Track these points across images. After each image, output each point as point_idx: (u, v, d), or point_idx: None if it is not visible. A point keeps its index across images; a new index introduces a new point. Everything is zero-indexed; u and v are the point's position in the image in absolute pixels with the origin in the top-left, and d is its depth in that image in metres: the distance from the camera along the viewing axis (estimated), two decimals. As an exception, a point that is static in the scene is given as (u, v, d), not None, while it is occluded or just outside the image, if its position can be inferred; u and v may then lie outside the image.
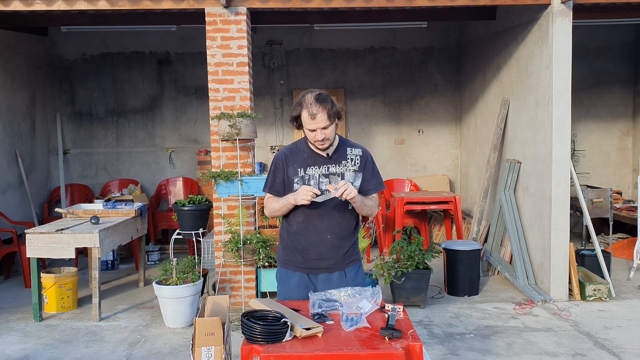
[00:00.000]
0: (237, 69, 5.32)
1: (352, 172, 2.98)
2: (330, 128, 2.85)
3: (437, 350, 4.37)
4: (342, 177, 2.96)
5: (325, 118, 2.81)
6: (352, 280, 3.04)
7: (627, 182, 8.51)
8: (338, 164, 2.97)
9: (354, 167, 2.98)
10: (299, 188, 2.92)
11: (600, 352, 4.30)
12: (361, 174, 2.99)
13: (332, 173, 2.96)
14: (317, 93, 2.86)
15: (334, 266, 3.03)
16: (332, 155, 2.97)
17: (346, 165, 2.97)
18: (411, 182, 8.27)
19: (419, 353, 2.41)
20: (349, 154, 2.99)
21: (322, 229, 2.98)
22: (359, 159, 2.99)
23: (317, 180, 2.95)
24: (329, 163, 2.96)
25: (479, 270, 5.87)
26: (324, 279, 3.03)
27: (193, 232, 5.40)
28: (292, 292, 3.05)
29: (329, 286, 2.99)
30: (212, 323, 2.82)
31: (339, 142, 3.01)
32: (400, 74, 8.43)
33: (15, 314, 5.39)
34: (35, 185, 7.78)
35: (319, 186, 2.94)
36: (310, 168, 2.96)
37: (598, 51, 8.33)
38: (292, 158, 3.00)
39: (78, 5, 5.22)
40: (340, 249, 3.02)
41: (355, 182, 2.97)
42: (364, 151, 3.04)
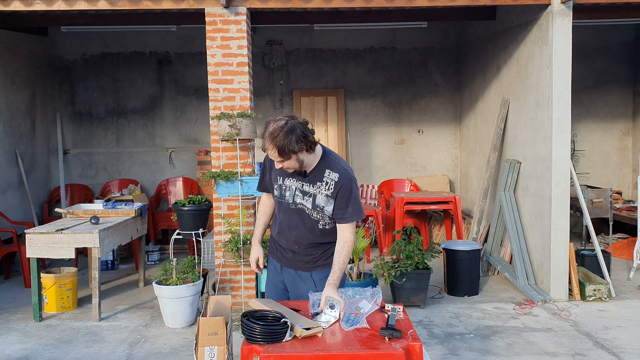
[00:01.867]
0: (237, 69, 5.32)
1: (324, 196, 2.89)
2: (287, 162, 2.78)
3: (437, 350, 4.37)
4: (313, 198, 2.90)
5: (276, 155, 2.75)
6: (320, 282, 3.00)
7: (627, 182, 8.51)
8: (313, 184, 2.90)
9: (327, 192, 2.87)
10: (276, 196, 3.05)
11: (600, 352, 4.30)
12: (333, 200, 2.87)
13: (306, 192, 2.91)
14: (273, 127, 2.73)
15: (301, 267, 3.09)
16: (309, 174, 2.91)
17: (320, 188, 2.89)
18: (411, 182, 8.27)
19: (419, 353, 2.41)
20: (325, 176, 2.87)
21: (292, 240, 3.04)
22: (333, 185, 2.86)
23: (292, 193, 2.96)
24: (304, 181, 2.92)
25: (479, 270, 5.87)
26: (288, 274, 3.14)
27: (193, 232, 5.40)
28: (270, 275, 3.24)
29: (293, 282, 3.10)
30: (216, 323, 2.83)
31: (319, 161, 2.89)
32: (400, 74, 8.43)
33: (15, 314, 5.39)
34: (35, 185, 7.78)
35: (292, 197, 2.96)
36: (288, 179, 2.96)
37: (598, 51, 8.33)
38: (274, 164, 2.97)
39: (78, 5, 5.22)
40: (305, 257, 3.05)
41: (327, 207, 2.89)
42: (342, 177, 2.86)
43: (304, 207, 2.94)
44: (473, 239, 6.68)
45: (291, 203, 2.96)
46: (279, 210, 3.06)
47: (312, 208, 2.92)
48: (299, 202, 2.94)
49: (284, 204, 3.00)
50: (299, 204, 2.95)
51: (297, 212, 2.97)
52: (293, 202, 2.95)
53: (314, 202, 2.90)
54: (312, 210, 2.92)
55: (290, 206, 2.97)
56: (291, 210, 2.97)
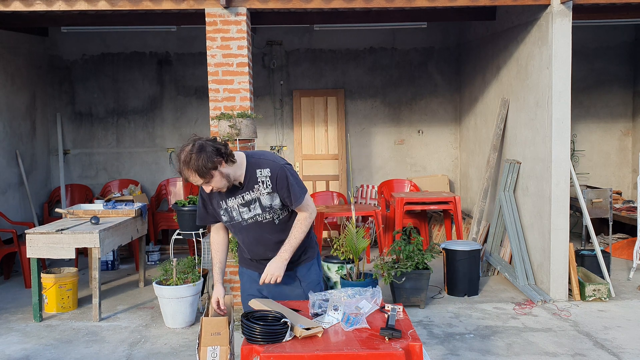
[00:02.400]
0: (237, 69, 5.33)
1: (266, 194, 2.91)
2: (213, 181, 2.77)
3: (436, 350, 4.38)
4: (258, 202, 2.92)
5: (197, 179, 2.74)
6: (303, 277, 3.10)
7: (627, 183, 8.51)
8: (251, 190, 2.91)
9: (267, 190, 2.91)
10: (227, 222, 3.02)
11: (600, 352, 4.31)
12: (276, 193, 2.92)
13: (248, 201, 2.92)
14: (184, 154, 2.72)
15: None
16: (244, 183, 2.92)
17: (259, 189, 2.91)
18: (411, 182, 8.27)
19: (419, 353, 2.42)
20: (258, 177, 2.90)
21: (262, 252, 3.04)
22: (269, 180, 2.90)
23: (238, 211, 2.95)
24: (243, 192, 2.93)
25: (479, 270, 5.87)
26: None
27: (193, 232, 5.41)
28: (245, 286, 3.20)
29: (279, 285, 3.05)
30: (219, 323, 2.83)
31: (246, 166, 2.90)
32: (400, 74, 8.44)
33: (16, 314, 5.39)
34: (36, 186, 7.78)
35: (240, 216, 2.95)
36: (229, 199, 2.95)
37: (598, 51, 8.34)
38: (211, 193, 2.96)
39: (78, 5, 5.22)
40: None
41: (274, 202, 2.93)
42: (272, 169, 2.90)
43: (254, 218, 2.96)
44: (473, 239, 6.68)
45: (242, 221, 2.97)
46: (235, 232, 3.04)
47: (262, 212, 2.94)
48: (247, 217, 2.96)
49: (237, 225, 3.00)
50: (248, 219, 2.96)
51: (251, 227, 2.99)
52: (243, 220, 2.97)
53: (261, 205, 2.93)
54: (263, 214, 2.95)
55: (242, 224, 2.98)
56: (245, 228, 2.98)
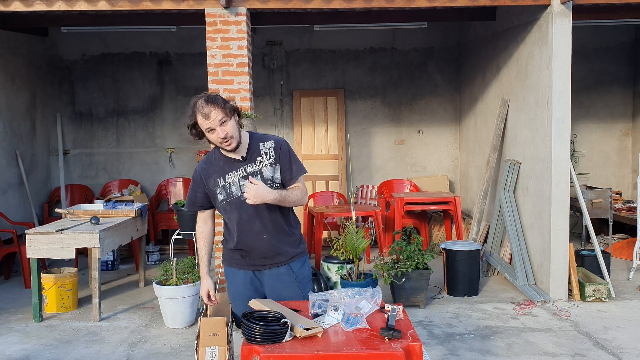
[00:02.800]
0: (237, 69, 5.33)
1: (269, 166, 2.93)
2: (229, 124, 2.80)
3: (436, 350, 4.38)
4: (260, 174, 2.92)
5: (220, 112, 2.77)
6: (299, 273, 3.06)
7: (627, 183, 8.51)
8: (253, 162, 2.93)
9: (270, 161, 2.93)
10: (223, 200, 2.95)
11: (600, 352, 4.31)
12: (278, 165, 2.95)
13: (250, 173, 2.92)
14: (206, 95, 2.83)
15: (279, 262, 3.03)
16: (247, 156, 2.94)
17: (262, 162, 2.93)
18: (411, 182, 8.27)
19: (419, 353, 2.42)
20: (262, 149, 2.94)
21: (257, 231, 2.97)
22: (272, 151, 2.94)
23: (237, 185, 2.93)
24: (245, 164, 2.93)
25: (479, 270, 5.87)
26: (269, 275, 3.05)
27: (193, 232, 5.41)
28: (239, 288, 3.08)
29: (275, 281, 3.03)
30: (217, 323, 2.83)
31: (249, 139, 2.96)
32: (400, 74, 8.44)
33: (16, 314, 5.39)
34: (36, 186, 7.78)
35: (240, 189, 2.92)
36: (228, 175, 2.94)
37: (597, 52, 8.34)
38: (209, 170, 2.98)
39: (78, 5, 5.22)
40: (280, 245, 3.00)
41: (275, 175, 2.94)
42: (276, 141, 2.98)
43: None
44: (473, 239, 6.68)
45: (241, 195, 2.92)
46: (231, 211, 2.97)
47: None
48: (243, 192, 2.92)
49: (234, 200, 2.95)
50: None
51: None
52: (242, 194, 2.91)
53: (263, 177, 2.92)
54: None
55: (241, 198, 2.92)
56: (244, 202, 2.91)
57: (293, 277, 3.05)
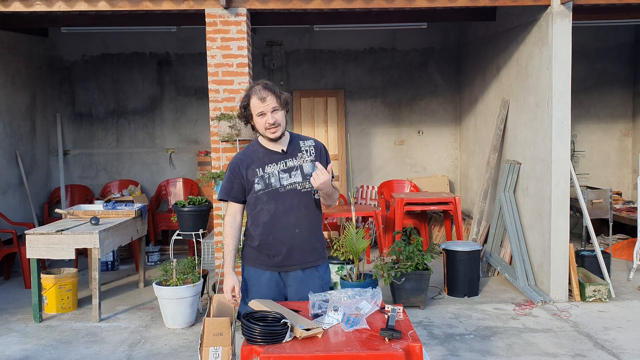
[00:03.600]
0: (237, 69, 5.33)
1: (309, 162, 3.00)
2: (280, 113, 2.92)
3: (437, 351, 4.37)
4: (301, 169, 2.97)
5: (275, 100, 2.90)
6: (323, 277, 3.06)
7: (627, 183, 8.51)
8: (294, 157, 2.99)
9: (310, 157, 3.01)
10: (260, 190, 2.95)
11: (600, 352, 4.30)
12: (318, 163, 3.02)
13: (291, 167, 2.97)
14: (264, 82, 2.97)
15: (306, 262, 3.01)
16: (287, 150, 3.00)
17: (302, 157, 3.00)
18: (411, 182, 8.27)
19: (419, 354, 2.41)
20: (302, 146, 3.03)
21: (291, 224, 2.95)
22: (313, 149, 3.03)
23: (277, 177, 2.95)
24: (286, 158, 2.98)
25: (479, 271, 5.87)
26: (295, 277, 3.02)
27: (193, 233, 5.41)
28: (263, 290, 3.01)
29: (300, 284, 2.99)
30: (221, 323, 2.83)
31: (290, 137, 3.05)
32: (400, 74, 8.44)
33: (15, 314, 5.39)
34: (36, 186, 7.78)
35: (280, 182, 2.95)
36: (268, 166, 2.97)
37: (598, 52, 8.34)
38: (247, 161, 3.00)
39: (78, 6, 5.22)
40: (310, 243, 3.00)
41: (313, 172, 2.95)
42: (317, 142, 3.09)
43: (294, 185, 2.96)
44: (473, 239, 6.68)
45: (279, 187, 2.95)
46: (268, 202, 2.95)
47: (302, 180, 2.96)
48: (287, 184, 2.95)
49: (272, 192, 2.95)
50: (287, 185, 2.95)
51: (288, 194, 2.95)
52: (281, 186, 2.95)
53: (303, 173, 2.97)
54: (303, 182, 2.96)
55: (280, 190, 2.94)
56: (282, 194, 2.94)
57: (319, 280, 3.03)
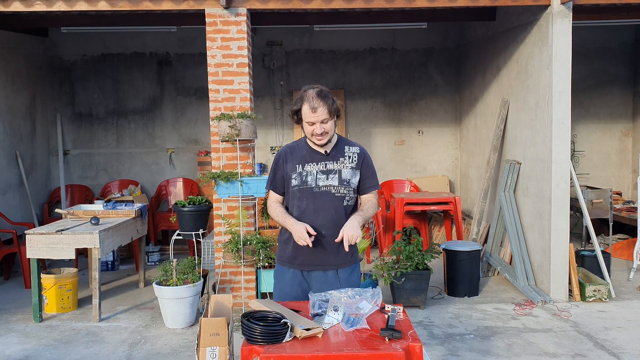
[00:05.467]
0: (237, 69, 5.33)
1: (349, 169, 3.03)
2: (329, 123, 2.94)
3: (437, 351, 4.37)
4: (339, 174, 3.01)
5: (326, 112, 2.90)
6: (345, 280, 3.04)
7: (627, 183, 8.51)
8: (336, 160, 3.03)
9: (352, 165, 3.04)
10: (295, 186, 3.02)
11: (600, 352, 4.30)
12: (359, 171, 3.05)
13: (330, 170, 3.01)
14: (319, 89, 2.95)
15: (328, 265, 3.03)
16: (330, 153, 3.03)
17: (344, 163, 3.03)
18: (411, 182, 8.27)
19: (419, 354, 2.41)
20: (346, 151, 3.06)
21: (318, 224, 2.96)
22: (356, 157, 3.06)
23: (314, 177, 3.00)
24: (327, 160, 3.02)
25: (479, 271, 5.87)
26: (317, 277, 3.04)
27: (193, 232, 5.41)
28: (286, 287, 3.08)
29: (322, 284, 3.00)
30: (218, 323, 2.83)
31: (337, 140, 3.08)
32: (400, 74, 8.44)
33: (16, 314, 5.39)
34: (36, 186, 7.78)
35: (316, 182, 2.99)
36: (308, 164, 3.02)
37: (598, 52, 8.34)
38: (291, 155, 3.08)
39: (78, 6, 5.22)
40: (334, 246, 2.98)
41: (353, 179, 3.03)
42: (362, 149, 3.11)
43: (329, 187, 3.00)
44: (473, 239, 6.68)
45: (314, 187, 3.00)
46: (301, 198, 3.01)
47: (338, 184, 3.00)
48: (322, 185, 3.00)
49: (307, 190, 3.00)
50: (322, 187, 3.00)
51: (321, 195, 2.99)
52: (317, 186, 3.00)
53: (340, 177, 3.01)
54: (338, 187, 3.01)
55: (314, 190, 3.00)
56: (316, 194, 3.00)
57: (337, 283, 3.03)
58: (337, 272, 3.04)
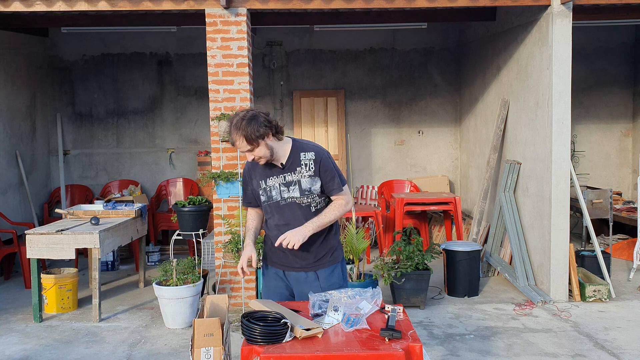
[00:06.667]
0: (237, 69, 5.33)
1: (307, 177, 2.97)
2: (258, 149, 2.86)
3: (437, 351, 4.37)
4: (299, 185, 2.97)
5: (244, 144, 2.83)
6: (325, 280, 3.07)
7: (627, 183, 8.51)
8: (293, 172, 2.98)
9: (309, 173, 2.97)
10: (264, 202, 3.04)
11: (600, 352, 4.30)
12: (318, 177, 2.98)
13: (289, 182, 2.97)
14: (236, 119, 2.84)
15: (307, 267, 3.07)
16: (286, 164, 2.98)
17: (301, 172, 2.97)
18: (411, 183, 8.27)
19: (419, 354, 2.41)
20: (302, 159, 2.98)
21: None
22: (312, 163, 2.97)
23: (278, 190, 3.00)
24: (285, 172, 2.99)
25: (479, 271, 5.87)
26: (296, 278, 3.09)
27: (193, 233, 5.41)
28: (271, 284, 3.17)
29: (300, 285, 3.07)
30: (211, 324, 2.82)
31: (291, 148, 2.99)
32: (400, 74, 8.44)
33: (16, 314, 5.39)
34: (36, 186, 7.78)
35: (280, 194, 2.99)
36: (269, 179, 3.01)
37: (598, 52, 8.34)
38: (254, 171, 3.09)
39: (78, 6, 5.22)
40: (311, 253, 3.03)
41: (313, 187, 2.98)
42: (317, 153, 2.99)
43: (293, 199, 2.99)
44: (473, 239, 6.68)
45: (280, 200, 3.01)
46: (272, 213, 3.06)
47: (300, 195, 2.98)
48: (287, 197, 2.99)
49: (274, 204, 3.03)
50: (287, 198, 3.00)
51: (288, 206, 3.01)
52: (282, 199, 3.00)
53: (301, 188, 2.97)
54: (301, 198, 2.98)
55: (280, 203, 3.01)
56: (282, 207, 3.01)
57: (318, 284, 3.06)
58: (317, 273, 3.08)
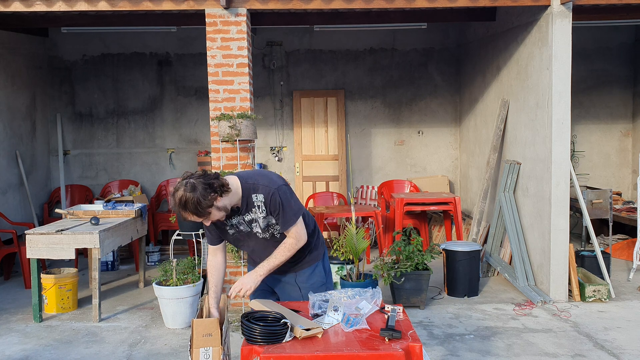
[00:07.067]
0: (237, 70, 5.33)
1: (262, 217, 2.98)
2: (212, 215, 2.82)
3: (436, 351, 4.38)
4: (258, 222, 2.99)
5: (196, 218, 2.81)
6: (306, 281, 3.15)
7: (627, 183, 8.51)
8: (250, 212, 2.99)
9: (262, 214, 2.98)
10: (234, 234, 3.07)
11: (600, 353, 4.31)
12: (271, 216, 2.98)
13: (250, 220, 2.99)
14: (178, 196, 2.73)
15: (282, 272, 3.14)
16: (242, 207, 2.97)
17: (256, 212, 2.98)
18: (411, 183, 8.27)
19: (419, 354, 2.42)
20: (254, 201, 2.96)
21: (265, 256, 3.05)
22: (262, 205, 2.95)
23: (245, 225, 3.02)
24: (244, 213, 3.00)
25: (479, 271, 5.87)
26: (272, 279, 3.17)
27: (193, 233, 5.41)
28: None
29: (281, 284, 3.17)
30: (210, 324, 2.82)
31: (242, 192, 2.94)
32: (400, 75, 8.44)
33: (16, 314, 5.39)
34: (36, 186, 7.78)
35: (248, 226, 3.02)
36: (233, 218, 3.02)
37: (598, 52, 8.34)
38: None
39: (78, 6, 5.22)
40: (286, 264, 3.06)
41: (271, 222, 2.99)
42: (266, 194, 2.94)
43: (257, 233, 3.04)
44: (473, 239, 6.68)
45: (249, 231, 3.05)
46: (243, 240, 3.11)
47: (262, 231, 3.02)
48: (253, 231, 3.04)
49: (243, 234, 3.06)
50: (253, 232, 3.05)
51: (254, 236, 3.06)
52: (250, 231, 3.04)
53: (260, 226, 3.01)
54: (263, 233, 3.03)
55: (249, 234, 3.06)
56: (251, 236, 3.06)
57: (296, 286, 3.15)
58: (295, 275, 3.14)
